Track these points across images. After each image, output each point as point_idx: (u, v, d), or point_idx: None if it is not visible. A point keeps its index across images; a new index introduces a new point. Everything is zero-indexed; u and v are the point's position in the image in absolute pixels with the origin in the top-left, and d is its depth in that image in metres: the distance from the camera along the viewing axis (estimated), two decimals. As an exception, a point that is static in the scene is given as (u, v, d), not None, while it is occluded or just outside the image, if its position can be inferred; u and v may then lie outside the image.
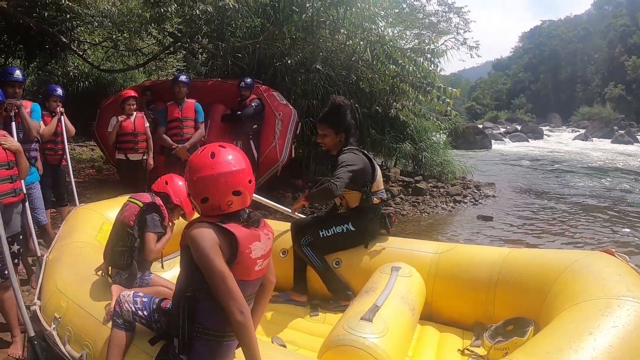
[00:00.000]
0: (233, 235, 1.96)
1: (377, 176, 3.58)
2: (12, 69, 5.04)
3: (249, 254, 2.00)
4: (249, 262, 2.01)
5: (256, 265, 2.05)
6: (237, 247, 1.96)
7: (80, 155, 12.16)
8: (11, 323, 3.61)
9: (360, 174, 3.48)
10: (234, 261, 1.96)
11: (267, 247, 2.12)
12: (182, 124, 6.50)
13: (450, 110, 9.00)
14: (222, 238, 1.96)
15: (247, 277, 2.03)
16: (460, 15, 20.20)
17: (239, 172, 2.02)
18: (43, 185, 5.14)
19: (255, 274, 2.08)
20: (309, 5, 8.74)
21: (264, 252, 2.08)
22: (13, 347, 3.59)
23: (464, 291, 3.10)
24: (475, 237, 7.21)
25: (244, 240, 1.98)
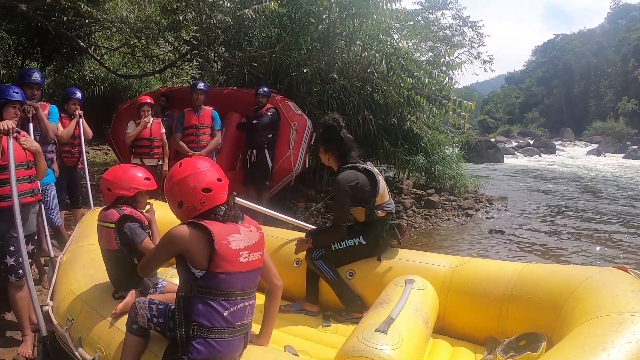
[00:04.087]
0: (207, 229, 2.13)
1: (379, 190, 3.58)
2: (32, 71, 5.09)
3: (227, 245, 2.15)
4: (229, 253, 2.15)
5: (240, 257, 2.19)
6: (212, 239, 2.11)
7: (94, 159, 12.26)
8: (23, 322, 3.63)
9: (358, 192, 3.51)
10: (214, 253, 2.11)
11: (251, 240, 2.25)
12: (198, 130, 6.58)
13: (464, 123, 8.99)
14: (199, 234, 2.15)
15: (232, 268, 2.16)
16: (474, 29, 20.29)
17: (205, 172, 2.27)
18: (58, 186, 5.20)
19: (241, 265, 2.19)
20: (326, 16, 8.77)
21: (247, 244, 2.22)
22: (23, 346, 3.62)
23: (477, 305, 3.08)
24: (487, 251, 7.19)
25: (219, 232, 2.15)
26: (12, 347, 3.67)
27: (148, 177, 3.06)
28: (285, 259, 3.90)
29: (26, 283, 3.37)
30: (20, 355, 3.55)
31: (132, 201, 3.00)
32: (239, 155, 7.58)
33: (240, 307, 2.22)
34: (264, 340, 2.49)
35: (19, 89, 3.78)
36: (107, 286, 3.03)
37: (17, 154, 3.36)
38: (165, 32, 9.38)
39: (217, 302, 2.15)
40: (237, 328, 2.22)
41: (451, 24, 19.96)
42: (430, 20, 18.71)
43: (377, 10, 8.55)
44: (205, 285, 2.15)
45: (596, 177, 20.00)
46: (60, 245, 5.10)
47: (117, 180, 2.98)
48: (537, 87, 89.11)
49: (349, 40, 9.18)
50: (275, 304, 2.54)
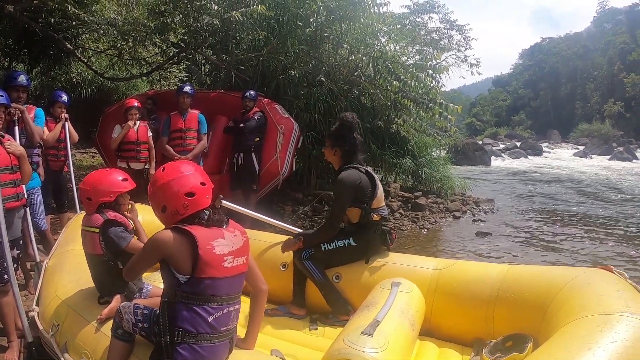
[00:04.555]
0: (191, 234, 2.13)
1: (377, 193, 3.61)
2: (17, 73, 5.05)
3: (212, 250, 2.14)
4: (213, 258, 2.14)
5: (224, 262, 2.18)
6: (196, 244, 2.11)
7: (80, 162, 12.18)
8: (8, 328, 3.60)
9: (359, 191, 3.52)
10: (198, 259, 2.10)
11: (235, 245, 2.25)
12: (185, 134, 6.56)
13: (451, 126, 9.04)
14: (182, 239, 2.14)
15: (216, 273, 2.15)
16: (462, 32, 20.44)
17: (188, 176, 2.27)
18: (44, 190, 5.14)
19: (226, 270, 2.19)
20: (313, 19, 8.79)
21: (232, 249, 2.22)
22: (9, 352, 3.59)
23: (464, 307, 3.10)
24: (474, 253, 7.22)
25: (203, 237, 2.14)
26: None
27: (125, 178, 3.03)
28: (272, 263, 3.90)
29: (11, 288, 3.35)
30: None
31: (114, 204, 2.98)
32: (226, 159, 7.56)
33: (225, 313, 2.22)
34: (249, 344, 2.50)
35: (4, 92, 3.76)
36: (93, 291, 3.01)
37: (1, 158, 3.35)
38: (153, 35, 9.34)
39: (201, 307, 2.14)
40: (222, 333, 2.22)
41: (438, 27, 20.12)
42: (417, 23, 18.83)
43: (364, 14, 8.59)
44: (189, 291, 2.14)
45: (582, 178, 20.17)
46: (46, 250, 5.06)
47: (96, 187, 2.94)
48: (524, 90, 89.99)
49: (336, 43, 9.21)
50: (261, 308, 2.55)
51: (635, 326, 2.10)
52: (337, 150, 3.69)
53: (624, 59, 69.67)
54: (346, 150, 3.66)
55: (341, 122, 3.68)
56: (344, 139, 3.66)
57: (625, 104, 64.56)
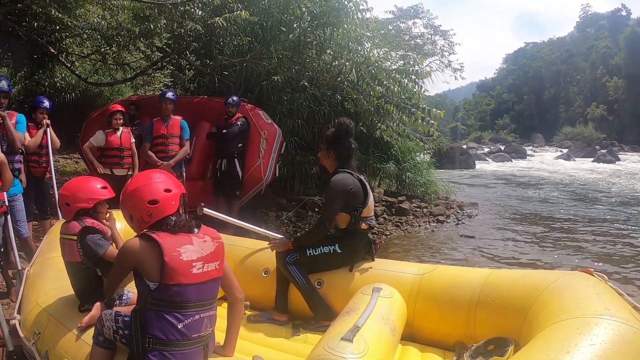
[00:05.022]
0: (157, 241, 2.13)
1: (368, 202, 3.61)
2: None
3: (178, 257, 2.13)
4: (180, 265, 2.13)
5: (192, 268, 2.18)
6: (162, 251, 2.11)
7: (64, 168, 12.06)
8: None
9: (351, 197, 3.53)
10: (164, 265, 2.10)
11: (204, 251, 2.24)
12: (167, 140, 6.53)
13: (433, 131, 9.11)
14: (149, 247, 2.15)
15: (184, 279, 2.14)
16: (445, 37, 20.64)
17: (152, 184, 2.31)
18: (26, 197, 5.12)
19: (195, 276, 2.18)
20: (297, 25, 8.81)
21: (201, 255, 2.22)
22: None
23: (445, 311, 3.11)
24: (457, 257, 7.27)
25: (168, 244, 2.14)
26: (-21, 362, 3.62)
27: (105, 186, 3.04)
28: (254, 269, 3.91)
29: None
30: None
31: (93, 212, 2.97)
32: (209, 165, 7.55)
33: (196, 319, 2.20)
34: (228, 351, 2.49)
35: None
36: (74, 299, 3.00)
37: (-20, 165, 3.33)
38: (137, 40, 9.32)
39: (171, 314, 2.13)
40: (194, 340, 2.20)
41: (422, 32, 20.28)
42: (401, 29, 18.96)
43: (347, 20, 8.64)
44: (158, 298, 2.14)
45: (566, 181, 20.42)
46: (27, 257, 5.02)
47: (75, 193, 2.95)
48: (508, 94, 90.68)
49: (319, 49, 9.24)
50: (238, 316, 2.55)
51: (614, 329, 2.12)
52: (331, 154, 3.70)
53: (607, 63, 70.68)
54: (341, 154, 3.67)
55: (338, 126, 3.69)
56: (339, 142, 3.67)
57: (608, 107, 65.54)
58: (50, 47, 10.09)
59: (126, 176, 6.19)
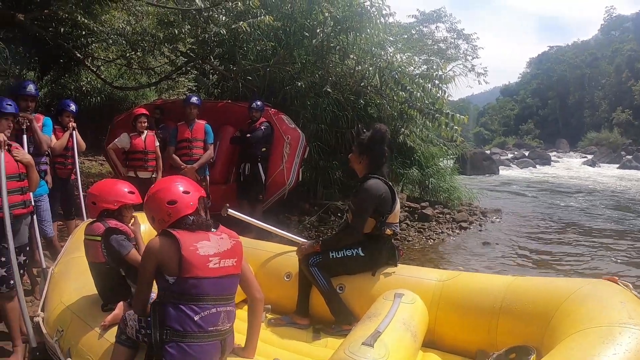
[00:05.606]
0: (175, 236, 2.26)
1: (395, 208, 3.61)
2: (26, 83, 5.12)
3: (195, 251, 2.26)
4: (197, 259, 2.26)
5: (209, 262, 2.29)
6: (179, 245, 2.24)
7: (89, 170, 12.27)
8: (13, 333, 3.64)
9: (381, 203, 3.52)
10: (182, 259, 2.22)
11: (221, 247, 2.36)
12: (191, 144, 6.59)
13: (457, 136, 9.02)
14: (168, 243, 2.28)
15: (200, 273, 2.26)
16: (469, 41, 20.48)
17: (171, 186, 2.46)
18: (52, 198, 5.22)
19: (211, 271, 2.29)
20: (320, 30, 8.80)
21: (218, 251, 2.33)
22: (13, 356, 3.63)
23: (467, 319, 3.09)
24: (480, 264, 7.19)
25: (186, 240, 2.27)
26: (2, 357, 3.68)
27: (132, 192, 3.12)
28: (276, 273, 3.92)
29: (17, 294, 3.39)
30: None
31: (117, 214, 3.04)
32: (233, 169, 7.60)
33: (213, 313, 2.29)
34: (249, 353, 2.54)
35: (12, 102, 3.82)
36: (97, 298, 3.06)
37: (9, 165, 3.41)
38: (162, 45, 9.44)
39: (187, 306, 2.23)
40: (211, 333, 2.29)
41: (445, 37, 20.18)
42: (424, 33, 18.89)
43: (370, 25, 8.62)
44: (176, 291, 2.24)
45: (591, 188, 20.07)
46: (52, 256, 5.11)
47: (102, 194, 3.05)
48: (532, 99, 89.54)
49: (342, 54, 9.23)
50: (257, 317, 2.60)
51: (638, 338, 2.09)
52: (364, 159, 3.68)
53: (632, 66, 69.31)
54: (373, 161, 3.66)
55: (373, 132, 3.67)
56: (373, 148, 3.65)
57: (634, 112, 64.12)
58: (76, 52, 10.28)
59: (150, 179, 6.27)
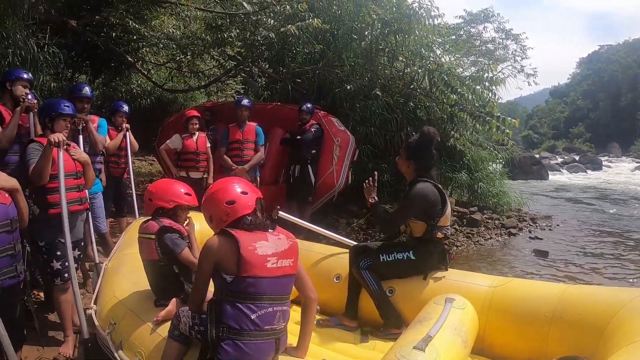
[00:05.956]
0: (234, 236, 2.29)
1: (446, 211, 3.57)
2: (82, 85, 5.31)
3: (253, 251, 2.29)
4: (255, 258, 2.28)
5: (267, 262, 2.31)
6: (238, 245, 2.26)
7: (139, 169, 12.56)
8: (65, 323, 3.79)
9: (430, 207, 3.49)
10: (241, 259, 2.25)
11: (279, 247, 2.38)
12: (242, 145, 6.68)
13: (508, 140, 8.81)
14: (227, 242, 2.31)
15: (259, 272, 2.28)
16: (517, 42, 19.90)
17: (229, 186, 2.48)
18: (105, 196, 5.40)
19: (269, 270, 2.31)
20: (368, 32, 8.76)
21: (275, 251, 2.35)
22: (64, 346, 3.77)
23: (518, 326, 3.03)
24: (529, 272, 7.04)
25: (245, 239, 2.30)
26: (54, 346, 3.82)
27: (189, 193, 3.18)
28: (325, 274, 3.93)
29: (71, 286, 3.53)
30: (62, 354, 3.71)
31: (172, 214, 3.10)
32: (282, 170, 7.66)
33: (269, 312, 2.31)
34: (301, 353, 2.54)
35: (70, 103, 3.93)
36: (150, 294, 3.12)
37: (67, 164, 3.54)
38: (210, 48, 9.60)
39: (245, 305, 2.26)
40: (266, 332, 2.31)
41: (493, 37, 19.68)
42: (472, 34, 18.54)
43: (419, 26, 8.54)
44: (234, 289, 2.27)
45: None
46: (105, 251, 5.28)
47: (159, 192, 3.12)
48: (583, 101, 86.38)
49: (391, 56, 9.16)
50: (311, 316, 2.60)
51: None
52: (411, 163, 3.66)
53: (687, 65, 66.11)
54: (422, 164, 3.63)
55: (421, 135, 3.64)
56: (421, 152, 3.62)
57: (690, 115, 61.25)
58: (127, 56, 10.59)
59: (201, 179, 6.39)
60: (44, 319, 4.13)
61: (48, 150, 3.41)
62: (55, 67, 7.15)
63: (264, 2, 8.20)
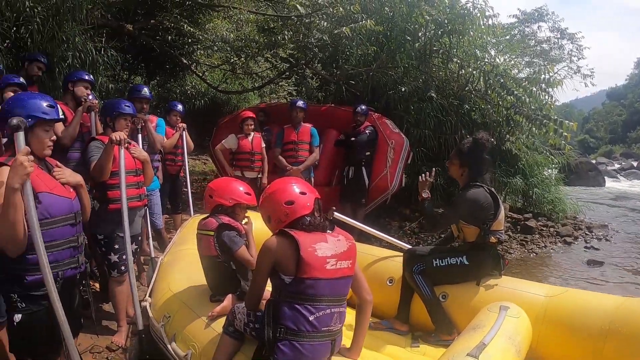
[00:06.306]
0: (294, 237, 2.28)
1: (499, 216, 3.51)
2: (141, 87, 5.49)
3: (313, 252, 2.27)
4: (315, 260, 2.27)
5: (327, 264, 2.30)
6: (298, 247, 2.25)
7: (193, 168, 12.80)
8: (119, 314, 3.92)
9: (482, 211, 3.44)
10: (300, 260, 2.24)
11: (338, 249, 2.36)
12: (297, 146, 6.77)
13: (565, 144, 8.53)
14: (287, 243, 2.30)
15: (318, 274, 2.27)
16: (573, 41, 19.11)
17: (288, 187, 2.47)
18: (161, 193, 5.52)
19: (328, 272, 2.30)
20: (421, 34, 8.69)
21: (335, 252, 2.33)
22: (117, 335, 3.89)
23: (572, 338, 2.95)
24: (584, 282, 6.81)
25: (305, 240, 2.29)
26: (107, 335, 3.95)
27: (249, 193, 3.21)
28: (378, 277, 3.90)
29: (128, 279, 3.65)
30: (114, 343, 3.83)
31: (231, 212, 3.13)
32: (335, 172, 7.68)
33: (327, 313, 2.30)
34: (354, 354, 2.53)
35: (130, 103, 4.06)
36: (205, 289, 3.17)
37: (127, 162, 3.66)
38: (263, 51, 9.73)
39: (303, 306, 2.25)
40: (323, 333, 2.30)
41: (548, 37, 19.03)
42: (526, 33, 18.01)
43: (473, 26, 8.43)
44: (293, 291, 2.27)
45: None
46: (160, 246, 5.41)
47: (219, 189, 3.17)
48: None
49: (445, 57, 9.04)
50: (365, 318, 2.58)
51: None
52: (465, 170, 3.62)
53: None
54: (474, 169, 3.59)
55: (474, 141, 3.61)
56: (475, 158, 3.58)
57: None
58: (182, 59, 10.86)
59: (256, 179, 6.47)
60: (98, 309, 4.27)
61: (110, 147, 3.52)
62: (112, 69, 7.41)
63: (316, 4, 8.23)
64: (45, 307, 2.37)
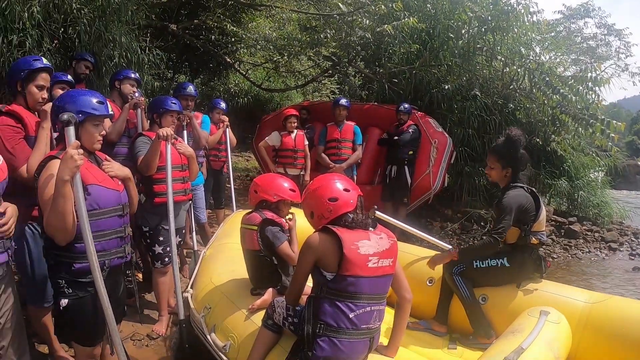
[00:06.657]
0: (337, 234, 2.27)
1: (540, 216, 3.45)
2: (186, 84, 5.58)
3: (356, 250, 2.26)
4: (357, 257, 2.25)
5: (369, 262, 2.28)
6: (341, 244, 2.24)
7: (236, 165, 12.95)
8: (161, 304, 4.02)
9: (523, 212, 3.38)
10: (343, 257, 2.23)
11: (380, 246, 2.35)
12: (340, 144, 6.76)
13: (612, 145, 8.25)
14: (329, 240, 2.30)
15: (360, 272, 2.26)
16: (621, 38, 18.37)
17: (331, 183, 2.46)
18: (205, 188, 5.62)
19: (370, 270, 2.29)
20: (465, 31, 8.55)
21: (377, 250, 2.32)
22: (158, 324, 3.99)
23: (614, 348, 2.89)
24: (628, 291, 6.59)
25: (348, 238, 2.27)
26: (148, 324, 4.06)
27: (293, 190, 3.22)
28: (418, 276, 3.89)
29: (172, 270, 3.73)
30: (155, 332, 3.93)
31: (275, 208, 3.17)
32: (378, 170, 7.66)
33: (367, 311, 2.30)
34: (391, 352, 2.52)
35: (176, 100, 4.15)
36: (246, 282, 3.21)
37: (173, 157, 3.74)
38: (306, 49, 9.78)
39: (344, 303, 2.25)
40: (362, 331, 2.30)
41: (595, 33, 18.34)
42: (572, 30, 17.47)
43: (517, 23, 8.30)
44: (334, 287, 2.27)
45: None
46: (203, 240, 5.52)
47: (264, 185, 3.21)
48: (693, 103, 78.86)
49: (489, 55, 8.90)
50: (404, 317, 2.57)
51: None
52: (509, 171, 3.54)
53: None
54: (512, 170, 3.52)
55: (507, 138, 3.52)
56: (511, 157, 3.51)
57: None
58: (225, 57, 11.02)
59: (298, 176, 6.50)
60: (141, 299, 4.38)
61: (156, 143, 3.61)
62: (157, 67, 7.58)
63: (358, 2, 8.22)
64: (91, 294, 2.45)
